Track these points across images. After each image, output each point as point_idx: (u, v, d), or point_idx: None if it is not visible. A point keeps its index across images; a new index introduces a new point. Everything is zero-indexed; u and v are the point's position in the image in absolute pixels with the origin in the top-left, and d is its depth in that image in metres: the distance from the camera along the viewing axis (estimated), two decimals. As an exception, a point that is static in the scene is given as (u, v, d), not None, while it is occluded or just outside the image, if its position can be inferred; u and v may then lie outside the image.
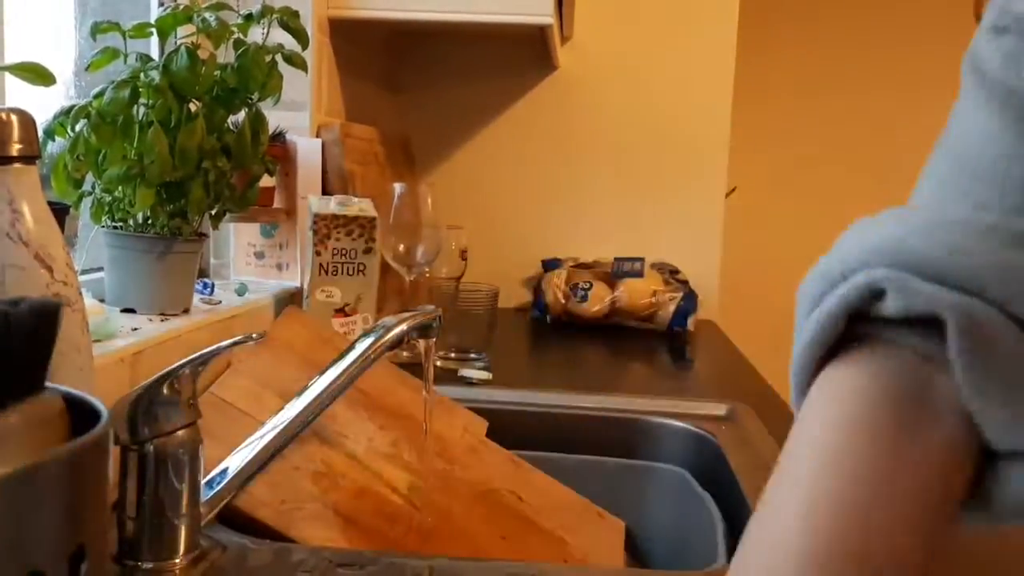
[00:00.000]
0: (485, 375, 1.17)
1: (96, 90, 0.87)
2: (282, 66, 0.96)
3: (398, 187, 1.26)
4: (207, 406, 0.61)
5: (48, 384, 0.40)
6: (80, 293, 0.56)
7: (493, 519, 0.87)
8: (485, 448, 0.94)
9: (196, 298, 1.01)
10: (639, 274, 1.72)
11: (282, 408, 0.70)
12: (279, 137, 1.25)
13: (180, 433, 0.58)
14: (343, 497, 0.76)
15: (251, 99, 0.95)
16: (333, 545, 0.71)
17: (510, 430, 1.02)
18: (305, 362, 0.88)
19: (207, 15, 0.91)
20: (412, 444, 0.86)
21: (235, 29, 0.94)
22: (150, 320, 0.90)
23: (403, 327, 0.73)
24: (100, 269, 0.97)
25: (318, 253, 1.15)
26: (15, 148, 0.52)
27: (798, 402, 0.41)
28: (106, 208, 0.91)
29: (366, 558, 0.66)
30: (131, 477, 0.58)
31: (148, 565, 0.58)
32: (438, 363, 1.22)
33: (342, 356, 0.70)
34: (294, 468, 0.75)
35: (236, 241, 1.29)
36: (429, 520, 0.80)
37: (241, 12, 0.96)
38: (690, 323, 1.70)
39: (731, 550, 0.80)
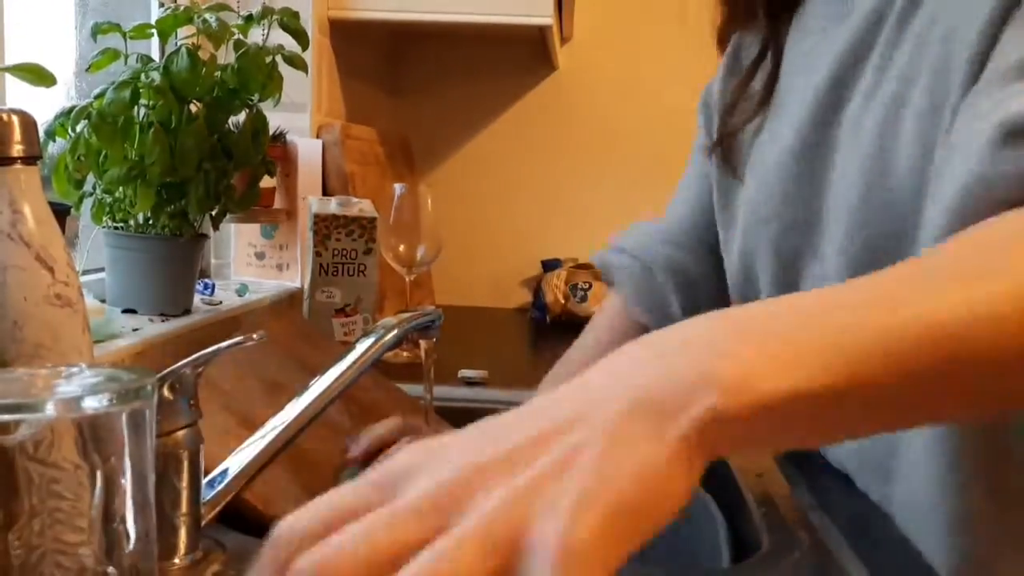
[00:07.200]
0: (483, 373, 1.16)
1: (97, 91, 0.87)
2: (282, 67, 0.96)
3: (398, 187, 1.26)
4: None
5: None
6: (81, 293, 0.56)
7: None
8: None
9: (197, 298, 1.01)
10: (639, 274, 1.72)
11: (264, 395, 0.70)
12: (279, 138, 1.26)
13: (180, 433, 0.58)
14: (320, 484, 0.76)
15: (251, 100, 0.95)
16: None
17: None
18: (288, 356, 0.88)
19: (207, 16, 0.91)
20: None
21: (235, 30, 0.94)
22: (151, 320, 0.90)
23: (403, 327, 0.73)
24: (101, 269, 0.97)
25: (318, 253, 1.15)
26: (16, 149, 0.52)
27: None
28: (107, 209, 0.91)
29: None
30: (132, 477, 0.58)
31: (149, 565, 0.58)
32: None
33: (342, 357, 0.70)
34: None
35: (237, 242, 1.30)
36: None
37: (241, 13, 0.97)
38: (690, 323, 1.70)
39: (733, 551, 0.80)
